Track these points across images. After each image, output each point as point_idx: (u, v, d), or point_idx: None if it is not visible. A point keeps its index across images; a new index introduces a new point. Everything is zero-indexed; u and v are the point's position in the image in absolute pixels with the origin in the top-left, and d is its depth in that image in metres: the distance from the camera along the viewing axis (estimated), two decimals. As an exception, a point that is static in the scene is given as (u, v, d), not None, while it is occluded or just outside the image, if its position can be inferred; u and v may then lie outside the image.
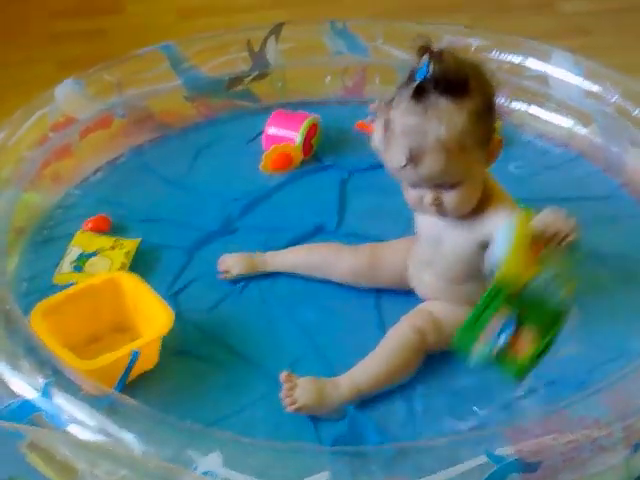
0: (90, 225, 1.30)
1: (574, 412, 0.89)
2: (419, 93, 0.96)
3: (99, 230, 1.29)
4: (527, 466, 0.84)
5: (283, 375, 1.00)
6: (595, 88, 1.47)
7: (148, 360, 1.05)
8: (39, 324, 1.03)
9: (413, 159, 0.97)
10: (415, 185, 1.01)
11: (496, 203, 1.02)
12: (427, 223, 1.08)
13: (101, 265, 1.20)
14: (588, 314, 1.13)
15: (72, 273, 1.19)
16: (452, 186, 0.99)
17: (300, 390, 0.99)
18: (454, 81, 0.95)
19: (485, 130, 0.98)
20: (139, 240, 1.25)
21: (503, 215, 0.99)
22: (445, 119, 0.95)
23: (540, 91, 1.52)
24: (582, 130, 1.48)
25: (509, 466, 0.84)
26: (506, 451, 0.85)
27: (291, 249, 1.24)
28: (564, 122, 1.50)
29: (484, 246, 1.02)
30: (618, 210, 1.34)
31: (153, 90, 1.56)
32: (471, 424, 0.98)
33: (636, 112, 1.41)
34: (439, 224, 1.06)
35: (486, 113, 0.98)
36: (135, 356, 0.99)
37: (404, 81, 0.99)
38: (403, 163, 0.98)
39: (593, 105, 1.46)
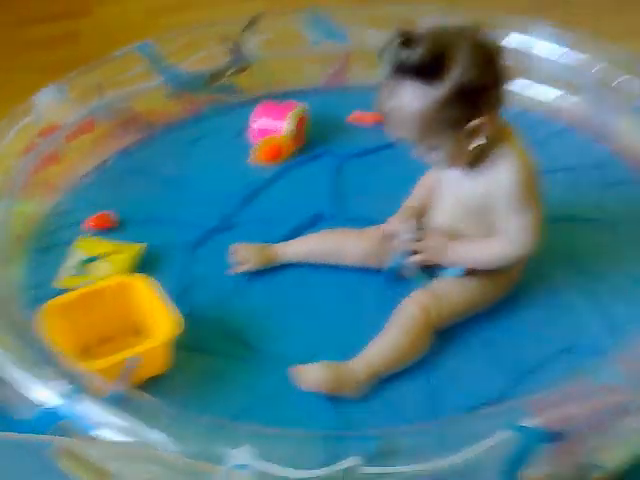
0: (92, 223, 1.29)
1: (596, 379, 0.90)
2: (397, 71, 0.99)
3: (103, 226, 1.28)
4: (554, 435, 0.84)
5: (294, 368, 1.02)
6: (579, 58, 1.47)
7: (156, 365, 1.04)
8: (48, 322, 1.02)
9: (385, 123, 1.04)
10: None
11: (504, 159, 1.03)
12: (444, 175, 1.11)
13: (104, 269, 1.19)
14: (592, 280, 1.15)
15: (76, 277, 1.18)
16: (426, 150, 1.03)
17: (313, 371, 1.00)
18: (418, 67, 0.97)
19: (452, 115, 0.99)
20: (142, 245, 1.24)
21: (506, 171, 1.03)
22: (406, 101, 0.99)
23: (524, 65, 1.53)
24: (569, 101, 1.49)
25: (536, 436, 0.84)
26: (532, 422, 0.85)
27: (300, 239, 1.23)
28: (551, 94, 1.51)
29: (492, 199, 1.05)
30: (612, 177, 1.35)
31: (135, 90, 1.54)
32: (492, 397, 0.98)
33: (621, 79, 1.42)
34: (454, 176, 1.08)
35: (458, 99, 0.98)
36: (133, 362, 0.97)
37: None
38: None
39: (578, 75, 1.47)
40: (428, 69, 0.97)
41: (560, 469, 0.86)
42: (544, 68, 1.51)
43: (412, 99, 0.98)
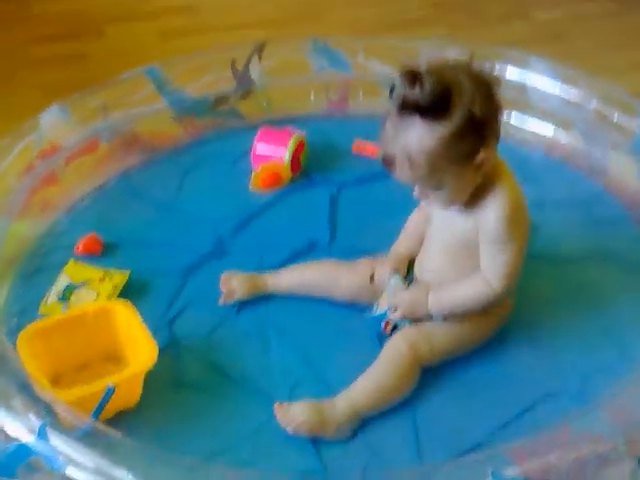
0: (81, 248, 1.27)
1: (577, 428, 0.87)
2: (400, 106, 0.96)
3: (91, 252, 1.26)
4: (534, 485, 0.81)
5: (275, 406, 0.99)
6: (573, 94, 1.45)
7: (128, 396, 1.01)
8: (24, 347, 1.00)
9: (386, 164, 1.00)
10: None
11: (495, 194, 1.01)
12: (434, 208, 1.08)
13: (87, 297, 1.17)
14: (578, 318, 1.12)
15: (57, 304, 1.16)
16: (432, 189, 1.00)
17: (295, 411, 0.97)
18: (426, 105, 0.94)
19: (461, 150, 0.97)
20: (128, 273, 1.22)
21: (495, 206, 1.00)
22: (414, 139, 0.96)
23: (520, 99, 1.50)
24: (563, 136, 1.46)
25: (517, 486, 0.81)
26: (513, 472, 0.82)
27: (291, 270, 1.21)
28: (545, 129, 1.48)
29: (474, 234, 1.03)
30: (603, 214, 1.32)
31: (139, 113, 1.53)
32: (473, 444, 0.95)
33: (615, 116, 1.39)
34: (440, 213, 1.06)
35: (465, 133, 0.96)
36: (109, 392, 0.95)
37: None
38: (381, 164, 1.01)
39: (573, 111, 1.45)
40: (435, 107, 0.94)
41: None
42: (539, 102, 1.49)
43: (421, 138, 0.95)
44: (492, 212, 1.01)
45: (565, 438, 0.85)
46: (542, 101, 1.48)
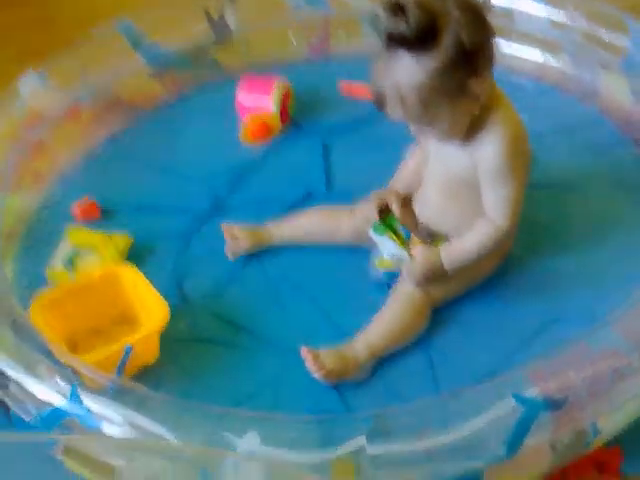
0: (79, 214, 1.28)
1: (591, 345, 0.90)
2: (388, 43, 0.95)
3: (90, 217, 1.27)
4: (554, 403, 0.85)
5: (304, 350, 1.00)
6: (560, 15, 1.44)
7: (146, 355, 1.03)
8: (37, 316, 1.02)
9: (377, 102, 0.99)
10: None
11: (493, 126, 1.00)
12: (432, 143, 1.07)
13: (92, 262, 1.18)
14: (581, 246, 1.14)
15: (64, 271, 1.17)
16: (427, 125, 0.99)
17: (324, 359, 0.99)
18: (411, 37, 0.93)
19: (453, 81, 0.95)
20: (131, 239, 1.22)
21: (494, 139, 0.99)
22: (403, 74, 0.95)
23: (506, 26, 1.50)
24: (552, 61, 1.46)
25: (537, 406, 0.85)
26: (533, 392, 0.85)
27: (291, 219, 1.22)
28: (534, 54, 1.48)
29: (474, 170, 1.02)
30: (599, 138, 1.33)
31: (117, 73, 1.51)
32: (488, 372, 0.98)
33: (604, 34, 1.39)
34: (442, 144, 1.05)
35: (456, 64, 0.94)
36: (128, 351, 0.98)
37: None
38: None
39: (561, 34, 1.44)
40: (422, 38, 0.93)
41: (560, 436, 0.87)
42: (526, 26, 1.48)
43: (410, 73, 0.94)
44: (490, 146, 1.00)
45: (581, 356, 0.89)
46: (529, 25, 1.46)
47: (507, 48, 1.48)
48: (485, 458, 0.84)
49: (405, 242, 1.08)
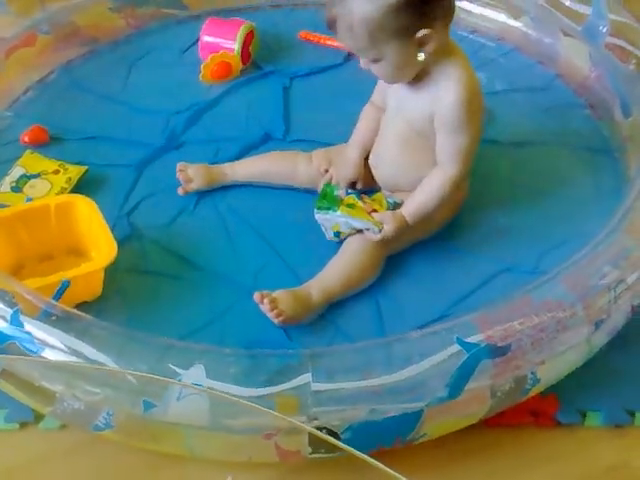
0: (27, 138, 1.22)
1: (537, 296, 0.89)
2: None
3: (39, 141, 1.22)
4: (497, 350, 0.84)
5: (257, 295, 0.98)
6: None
7: (88, 291, 0.99)
8: None
9: (330, 27, 0.98)
10: None
11: (449, 78, 0.99)
12: (390, 94, 1.07)
13: (40, 188, 1.13)
14: (534, 199, 1.14)
15: (10, 193, 1.12)
16: (373, 60, 0.99)
17: (280, 302, 0.97)
18: None
19: (401, 22, 0.94)
20: (85, 168, 1.17)
21: (449, 90, 0.99)
22: (356, 6, 0.94)
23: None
24: (515, 23, 1.45)
25: (481, 352, 0.84)
26: (477, 338, 0.85)
27: (247, 160, 1.19)
28: (497, 16, 1.46)
29: (431, 117, 1.01)
30: (555, 100, 1.33)
31: (77, 3, 1.44)
32: (435, 317, 0.98)
33: (567, 1, 1.38)
34: (400, 95, 1.04)
35: (407, 6, 0.93)
36: (64, 286, 0.93)
37: None
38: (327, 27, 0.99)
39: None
40: None
41: (500, 382, 0.86)
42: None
43: (362, 6, 0.94)
44: (447, 95, 0.99)
45: (526, 306, 0.88)
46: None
47: (472, 8, 1.47)
48: (427, 399, 0.83)
49: (363, 209, 1.04)
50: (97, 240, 1.02)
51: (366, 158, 1.12)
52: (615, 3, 1.33)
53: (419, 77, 1.01)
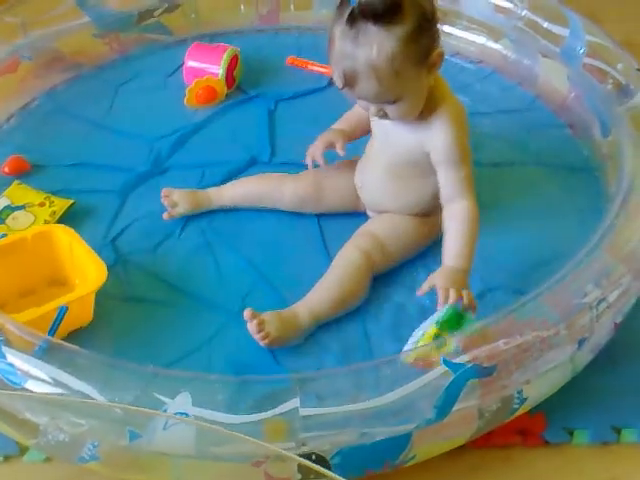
0: (7, 169, 1.21)
1: (520, 316, 0.89)
2: (351, 19, 0.93)
3: (20, 171, 1.21)
4: (483, 370, 0.84)
5: (247, 312, 0.97)
6: (504, 2, 1.44)
7: (81, 316, 0.98)
8: None
9: (348, 83, 0.96)
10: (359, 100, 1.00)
11: (440, 109, 1.00)
12: (378, 123, 1.06)
13: (23, 220, 1.12)
14: (516, 218, 1.14)
15: (-6, 226, 1.11)
16: (393, 102, 0.97)
17: (268, 323, 0.96)
18: (381, 9, 0.91)
19: (420, 48, 0.95)
20: (71, 202, 1.16)
21: (443, 123, 0.99)
22: (375, 46, 0.93)
23: (451, 9, 1.48)
24: (494, 45, 1.46)
25: (467, 372, 0.84)
26: (463, 359, 0.84)
27: (233, 183, 1.18)
28: (477, 38, 1.48)
29: (426, 151, 1.02)
30: (535, 120, 1.34)
31: (60, 30, 1.44)
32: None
33: (545, 24, 1.40)
34: (388, 125, 1.04)
35: (421, 31, 0.94)
36: (62, 311, 0.92)
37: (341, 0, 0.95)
38: (340, 86, 0.97)
39: (503, 20, 1.44)
40: (392, 9, 0.91)
41: (487, 402, 0.86)
42: (470, 10, 1.47)
43: (382, 44, 0.92)
44: (442, 132, 0.99)
45: (511, 325, 0.88)
46: (474, 10, 1.46)
47: (453, 31, 1.48)
48: (416, 421, 0.82)
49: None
50: (82, 267, 1.01)
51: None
52: (591, 24, 1.35)
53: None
